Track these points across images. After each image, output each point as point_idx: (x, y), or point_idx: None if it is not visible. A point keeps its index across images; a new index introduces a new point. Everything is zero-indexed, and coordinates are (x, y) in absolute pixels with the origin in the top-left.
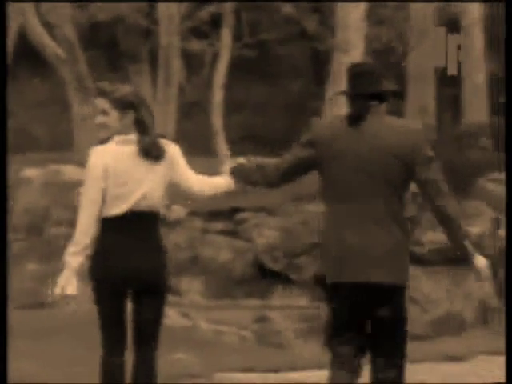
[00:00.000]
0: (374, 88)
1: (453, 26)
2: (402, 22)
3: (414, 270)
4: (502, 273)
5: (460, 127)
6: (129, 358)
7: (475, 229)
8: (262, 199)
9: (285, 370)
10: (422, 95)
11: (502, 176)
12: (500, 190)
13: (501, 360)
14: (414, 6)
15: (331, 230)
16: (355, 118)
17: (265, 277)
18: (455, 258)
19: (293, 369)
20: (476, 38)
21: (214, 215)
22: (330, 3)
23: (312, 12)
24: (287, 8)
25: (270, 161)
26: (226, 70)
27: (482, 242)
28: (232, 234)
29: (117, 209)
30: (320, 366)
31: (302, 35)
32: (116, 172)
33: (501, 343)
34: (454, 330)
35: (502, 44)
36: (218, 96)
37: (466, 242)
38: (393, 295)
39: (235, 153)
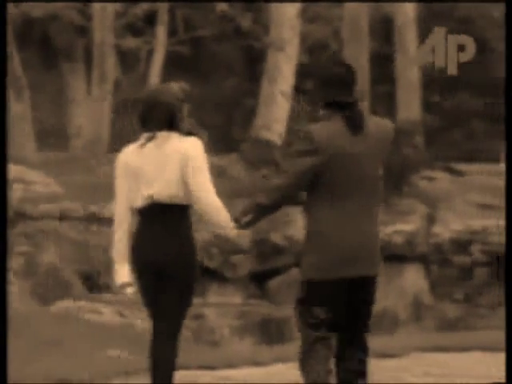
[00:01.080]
0: (355, 97)
1: (387, 24)
2: (336, 19)
3: None
4: (435, 269)
5: (394, 124)
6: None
7: (408, 226)
8: None
9: (220, 368)
10: (356, 92)
11: (434, 174)
12: (432, 187)
13: (433, 356)
14: (348, 4)
15: (334, 230)
16: (358, 128)
17: (200, 274)
18: (389, 255)
19: (228, 366)
20: (409, 36)
21: None
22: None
23: (246, 9)
24: (222, 5)
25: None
26: (161, 67)
27: (414, 239)
28: None
29: (140, 201)
30: (255, 363)
31: (237, 32)
32: (134, 168)
33: (434, 339)
34: (388, 327)
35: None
36: None
37: None
38: (375, 284)
39: None
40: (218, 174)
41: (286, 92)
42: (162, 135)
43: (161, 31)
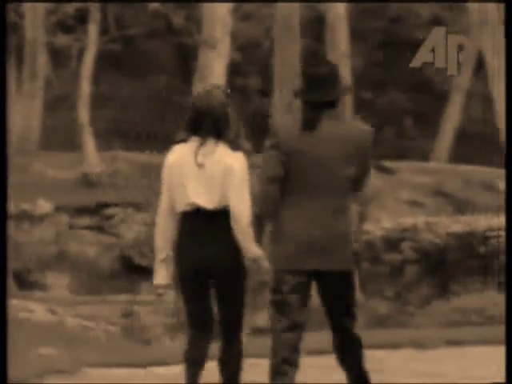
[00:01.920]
0: (330, 96)
1: (318, 22)
2: (268, 18)
3: None
4: (366, 267)
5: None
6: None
7: None
8: (129, 194)
9: (152, 365)
10: (288, 91)
11: None
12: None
13: (368, 353)
14: (279, 3)
15: (293, 223)
16: (309, 124)
17: (132, 272)
18: None
19: (160, 364)
20: (340, 35)
21: (80, 210)
22: None
23: (178, 7)
24: (154, 4)
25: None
26: (93, 65)
27: None
28: (99, 229)
29: (185, 206)
30: None
31: (169, 30)
32: (182, 172)
33: (364, 336)
34: (318, 324)
35: (366, 40)
36: (84, 90)
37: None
38: (343, 279)
39: (103, 147)
40: (149, 172)
41: None
42: (211, 143)
43: (92, 29)
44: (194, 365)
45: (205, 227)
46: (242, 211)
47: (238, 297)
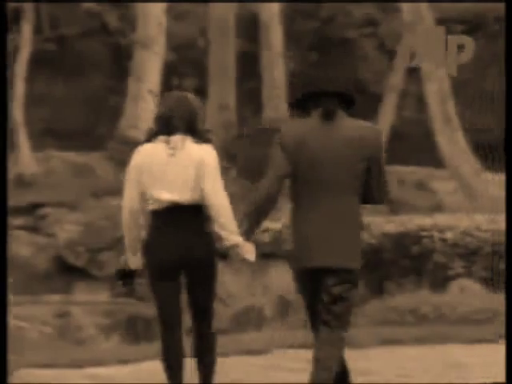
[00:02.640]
0: (345, 90)
1: (253, 22)
2: (202, 18)
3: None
4: None
5: (260, 122)
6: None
7: (275, 224)
8: (63, 194)
9: (87, 366)
10: (222, 91)
11: None
12: None
13: (298, 353)
14: (214, 3)
15: (305, 223)
16: (327, 115)
17: (66, 272)
18: (256, 253)
19: (95, 364)
20: (275, 35)
21: (14, 210)
22: None
23: (113, 7)
24: (88, 3)
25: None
26: (27, 64)
27: (281, 237)
28: (33, 229)
29: (158, 203)
30: (122, 361)
31: (103, 30)
32: (152, 169)
33: (299, 336)
34: (255, 324)
35: (300, 40)
36: (19, 90)
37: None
38: (352, 277)
39: (37, 147)
40: (84, 172)
41: (152, 90)
42: (179, 139)
43: (26, 28)
44: (173, 364)
45: (177, 222)
46: (221, 201)
47: (210, 288)
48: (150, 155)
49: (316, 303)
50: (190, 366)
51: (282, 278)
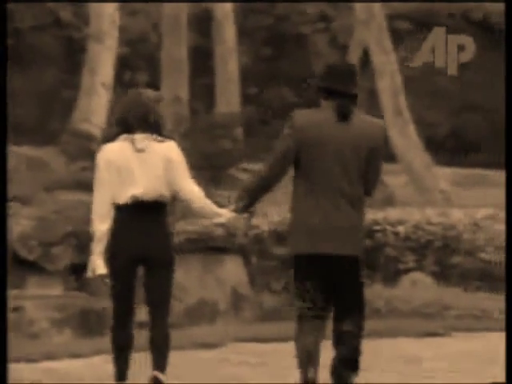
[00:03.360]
0: (356, 89)
1: (206, 17)
2: (156, 13)
3: None
4: (255, 261)
5: (213, 117)
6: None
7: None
8: (15, 188)
9: (40, 360)
10: (175, 85)
11: (254, 166)
12: None
13: (251, 346)
14: None
15: (308, 212)
16: (345, 115)
17: (19, 266)
18: (209, 246)
19: (48, 358)
20: (228, 29)
21: None
22: None
23: (67, 1)
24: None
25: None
26: None
27: (235, 230)
28: None
29: (124, 199)
30: (75, 355)
31: (57, 24)
32: (118, 166)
33: (252, 330)
34: (208, 318)
35: (253, 36)
36: None
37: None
38: (358, 264)
39: None
40: (37, 166)
41: (106, 84)
42: (143, 138)
43: None
44: (121, 350)
45: (142, 218)
46: (197, 189)
47: (167, 283)
48: (117, 153)
49: (316, 291)
50: (144, 360)
51: (235, 272)
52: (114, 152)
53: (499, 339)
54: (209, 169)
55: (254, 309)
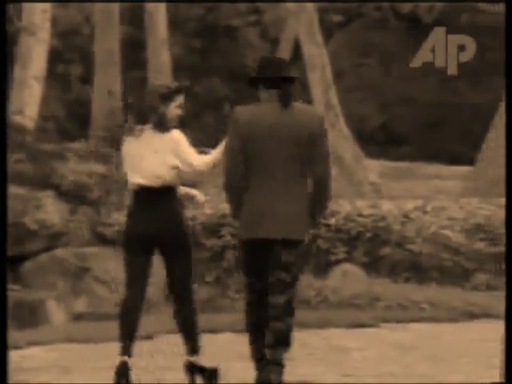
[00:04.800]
0: (291, 73)
1: (138, 9)
2: (88, 5)
3: (102, 251)
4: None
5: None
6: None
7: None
8: None
9: None
10: (107, 78)
11: None
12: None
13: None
14: None
15: (253, 199)
16: (287, 100)
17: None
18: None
19: None
20: (159, 22)
21: None
22: None
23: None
24: None
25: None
26: None
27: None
28: None
29: (130, 186)
30: (8, 347)
31: None
32: (131, 156)
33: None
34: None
35: (184, 27)
36: None
37: None
38: (296, 248)
39: None
40: None
41: (38, 76)
42: (150, 129)
43: None
44: (130, 321)
45: (150, 203)
46: (197, 161)
47: (182, 268)
48: (130, 145)
49: (261, 276)
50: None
51: None
52: (130, 143)
53: (427, 330)
54: None
55: None
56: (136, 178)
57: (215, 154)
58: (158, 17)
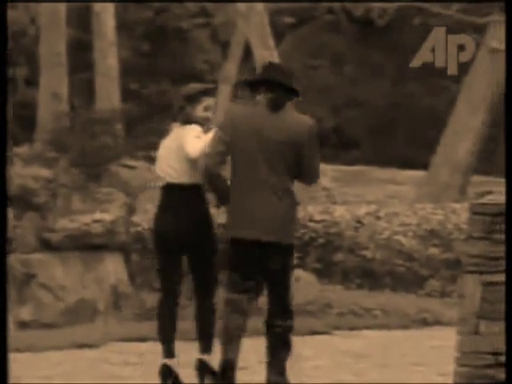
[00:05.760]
0: (291, 83)
1: (85, 10)
2: (34, 6)
3: (47, 257)
4: (135, 259)
5: (93, 113)
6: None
7: (108, 215)
8: None
9: None
10: (54, 80)
11: (134, 163)
12: (132, 176)
13: (132, 346)
14: None
15: (238, 198)
16: (276, 106)
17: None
18: (88, 244)
19: None
20: (107, 24)
21: None
22: None
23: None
24: None
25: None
26: None
27: (115, 228)
28: None
29: (159, 182)
30: None
31: None
32: (158, 155)
33: (132, 329)
34: (87, 317)
35: (134, 29)
36: None
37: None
38: (282, 251)
39: None
40: None
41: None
42: (176, 126)
43: None
44: (166, 323)
45: (173, 201)
46: (191, 149)
47: (202, 269)
48: (163, 143)
49: (247, 275)
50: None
51: (115, 270)
52: (163, 142)
53: (379, 337)
54: (89, 165)
55: (134, 307)
56: (161, 175)
57: (206, 140)
58: (106, 19)
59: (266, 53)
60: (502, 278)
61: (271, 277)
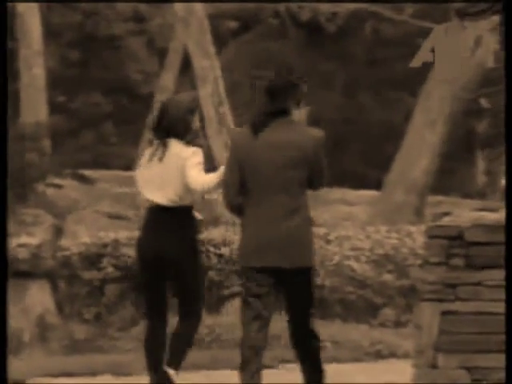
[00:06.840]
0: (283, 105)
1: (11, 18)
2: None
3: None
4: (63, 286)
5: (18, 127)
6: None
7: (33, 239)
8: None
9: None
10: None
11: (62, 181)
12: (59, 195)
13: (60, 381)
14: None
15: (252, 223)
16: (257, 129)
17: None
18: (13, 271)
19: None
20: (33, 30)
21: None
22: None
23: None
24: None
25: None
26: None
27: (40, 253)
28: None
29: (146, 202)
30: None
31: None
32: (144, 173)
33: (60, 363)
34: (12, 350)
35: (61, 36)
36: None
37: None
38: (299, 276)
39: None
40: None
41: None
42: (167, 144)
43: None
44: (153, 352)
45: (158, 221)
46: (193, 180)
47: (186, 288)
48: (144, 161)
49: (266, 303)
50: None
51: (41, 299)
52: (145, 158)
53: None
54: (14, 185)
55: (62, 339)
56: (149, 197)
57: (214, 175)
58: (32, 25)
59: (206, 62)
60: (461, 306)
61: (294, 302)
